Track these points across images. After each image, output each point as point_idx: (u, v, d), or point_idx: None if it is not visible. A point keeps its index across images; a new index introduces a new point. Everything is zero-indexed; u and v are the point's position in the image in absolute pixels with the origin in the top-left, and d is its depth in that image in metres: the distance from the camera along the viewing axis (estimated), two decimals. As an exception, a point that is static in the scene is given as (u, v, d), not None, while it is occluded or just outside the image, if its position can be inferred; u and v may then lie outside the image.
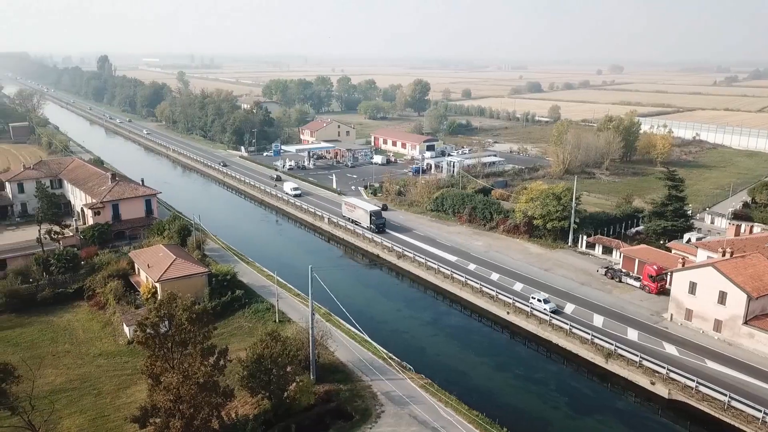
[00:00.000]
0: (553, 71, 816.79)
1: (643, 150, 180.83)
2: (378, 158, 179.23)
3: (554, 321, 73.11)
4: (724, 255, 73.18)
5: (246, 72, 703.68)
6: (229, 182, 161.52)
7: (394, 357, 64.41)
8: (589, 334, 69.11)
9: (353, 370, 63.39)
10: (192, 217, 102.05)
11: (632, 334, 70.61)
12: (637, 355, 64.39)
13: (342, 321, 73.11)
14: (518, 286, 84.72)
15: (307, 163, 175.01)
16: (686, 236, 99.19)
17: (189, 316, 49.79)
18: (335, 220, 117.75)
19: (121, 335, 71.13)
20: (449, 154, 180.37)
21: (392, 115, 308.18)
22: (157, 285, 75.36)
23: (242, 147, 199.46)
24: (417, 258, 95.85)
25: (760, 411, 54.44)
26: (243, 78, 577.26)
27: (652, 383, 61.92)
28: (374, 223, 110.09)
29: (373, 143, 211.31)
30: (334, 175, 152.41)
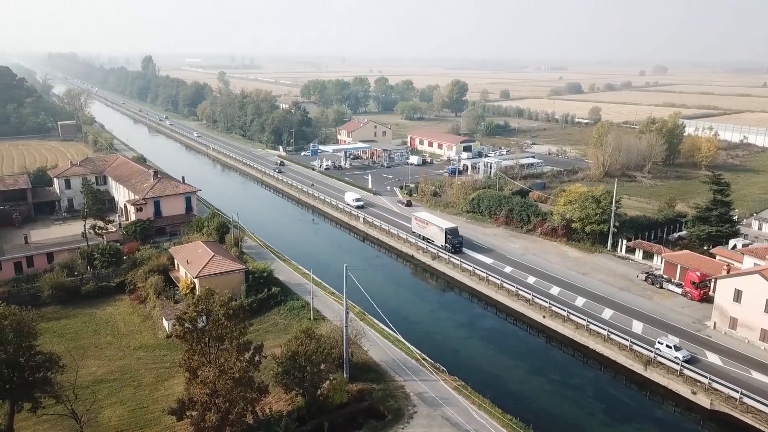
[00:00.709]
0: (593, 72, 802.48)
1: (687, 153, 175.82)
2: (414, 159, 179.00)
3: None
4: (772, 262, 70.79)
5: (285, 72, 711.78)
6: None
7: (427, 358, 64.31)
8: (627, 340, 67.62)
9: (386, 369, 63.42)
10: (230, 215, 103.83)
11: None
12: (677, 363, 62.72)
13: (376, 320, 73.28)
14: (555, 290, 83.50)
15: (343, 163, 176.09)
16: (731, 242, 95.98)
17: (226, 311, 50.80)
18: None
19: (160, 329, 72.86)
20: (486, 155, 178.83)
21: (429, 116, 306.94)
22: (196, 281, 76.89)
23: (280, 147, 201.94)
24: (452, 260, 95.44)
25: (809, 425, 52.35)
26: (282, 78, 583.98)
27: (694, 393, 60.21)
28: (450, 242, 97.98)
29: (409, 144, 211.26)
30: (369, 175, 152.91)
